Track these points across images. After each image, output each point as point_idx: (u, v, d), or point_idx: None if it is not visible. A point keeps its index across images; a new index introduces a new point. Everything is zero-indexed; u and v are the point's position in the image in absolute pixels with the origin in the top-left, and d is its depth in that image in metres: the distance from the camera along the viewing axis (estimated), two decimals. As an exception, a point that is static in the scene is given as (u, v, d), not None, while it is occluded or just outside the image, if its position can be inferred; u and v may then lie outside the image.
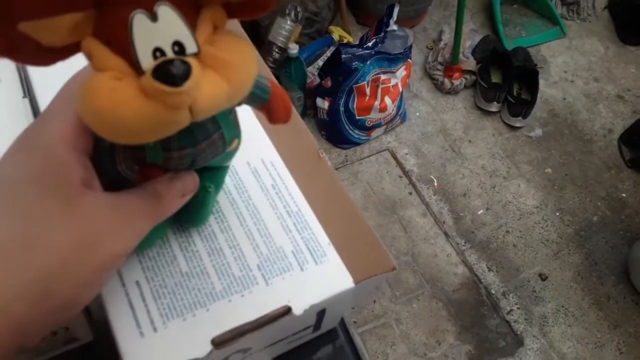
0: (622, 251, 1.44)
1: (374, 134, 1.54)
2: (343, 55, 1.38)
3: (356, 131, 1.50)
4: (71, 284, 0.21)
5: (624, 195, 1.56)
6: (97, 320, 0.32)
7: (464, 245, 1.41)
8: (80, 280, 0.22)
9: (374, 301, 1.29)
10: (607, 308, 1.35)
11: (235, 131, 0.26)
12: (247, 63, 0.21)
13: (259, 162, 0.36)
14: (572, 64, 1.86)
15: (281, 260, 0.31)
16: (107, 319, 0.27)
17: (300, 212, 0.33)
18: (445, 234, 1.42)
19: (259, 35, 1.56)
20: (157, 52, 0.19)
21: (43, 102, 0.36)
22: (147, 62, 0.18)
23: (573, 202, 1.53)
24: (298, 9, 1.52)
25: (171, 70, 0.18)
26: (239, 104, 0.26)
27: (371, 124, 1.50)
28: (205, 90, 0.19)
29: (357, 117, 1.47)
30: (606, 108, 1.75)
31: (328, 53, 1.56)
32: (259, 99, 0.26)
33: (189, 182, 0.26)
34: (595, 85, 1.81)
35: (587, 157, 1.63)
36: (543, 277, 1.38)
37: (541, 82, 1.72)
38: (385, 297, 1.30)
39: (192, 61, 0.19)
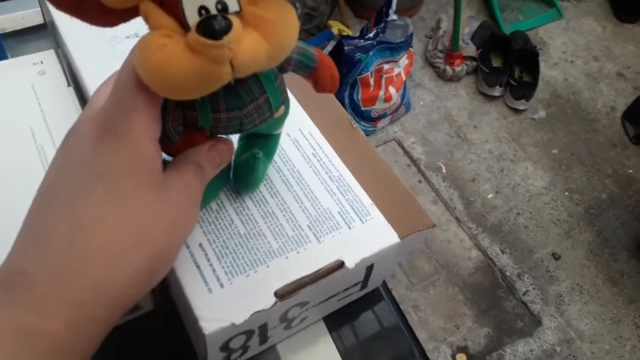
0: (632, 227, 1.45)
1: (380, 124, 1.56)
2: (345, 47, 1.39)
3: (362, 122, 1.51)
4: (169, 263, 0.24)
5: (630, 171, 1.57)
6: (156, 291, 0.33)
7: (476, 230, 1.42)
8: (174, 257, 0.24)
9: (391, 289, 1.30)
10: (621, 284, 1.36)
11: (281, 98, 0.27)
12: (287, 24, 0.22)
13: (298, 132, 0.37)
14: (571, 44, 1.87)
15: (329, 220, 0.32)
16: (176, 281, 0.28)
17: (341, 177, 0.35)
18: (457, 219, 1.43)
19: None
20: (202, 10, 0.20)
21: (91, 89, 0.37)
22: (193, 19, 0.20)
23: (581, 181, 1.54)
24: (297, 5, 1.53)
25: (213, 25, 0.19)
26: (285, 69, 0.27)
27: (377, 114, 1.51)
28: (245, 45, 0.20)
29: (363, 108, 1.48)
30: (607, 86, 1.76)
31: (329, 47, 1.57)
32: (306, 67, 0.28)
33: (225, 153, 0.27)
34: (595, 65, 1.82)
35: (591, 136, 1.64)
36: (556, 257, 1.39)
37: (541, 64, 1.73)
38: (402, 285, 1.31)
39: (233, 18, 0.20)
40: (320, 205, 0.33)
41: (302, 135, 0.37)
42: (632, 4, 1.91)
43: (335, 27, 1.68)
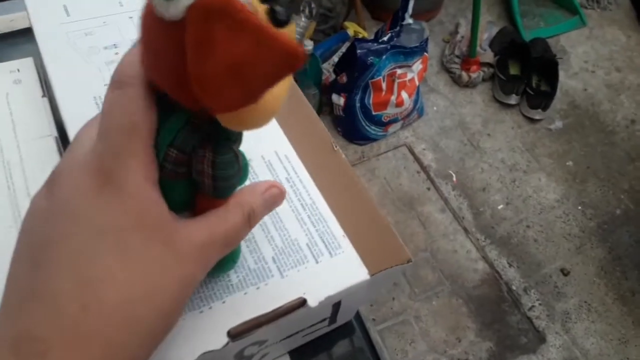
0: (647, 245, 1.41)
1: (391, 129, 1.53)
2: (358, 51, 1.37)
3: (373, 127, 1.49)
4: (175, 322, 0.23)
5: (648, 187, 1.52)
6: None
7: (484, 241, 1.39)
8: (180, 315, 0.23)
9: (393, 298, 1.28)
10: (632, 303, 1.32)
11: None
12: None
13: (273, 155, 0.35)
14: (593, 54, 1.82)
15: (296, 252, 0.31)
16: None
17: (314, 205, 0.33)
18: (465, 229, 1.41)
19: (273, 33, 1.56)
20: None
21: (62, 101, 0.36)
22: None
23: (595, 196, 1.50)
24: (312, 6, 1.50)
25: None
26: None
27: (388, 119, 1.49)
28: None
29: (374, 113, 1.46)
30: (629, 98, 1.71)
31: (343, 49, 1.55)
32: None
33: (278, 193, 0.26)
34: (617, 75, 1.77)
35: (609, 149, 1.60)
36: (565, 273, 1.35)
37: (561, 73, 1.69)
38: (404, 294, 1.29)
39: None
40: (289, 235, 0.31)
41: (277, 158, 0.35)
42: (659, 13, 1.86)
43: (352, 28, 1.66)
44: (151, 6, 0.19)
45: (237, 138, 0.24)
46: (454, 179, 1.51)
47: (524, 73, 1.65)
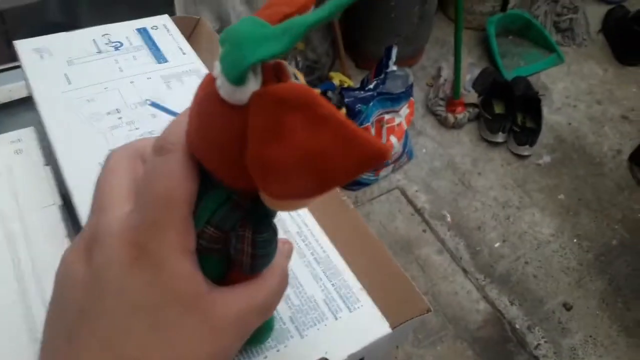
0: (646, 274, 1.40)
1: (382, 173, 1.54)
2: (346, 99, 1.39)
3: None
4: None
5: (640, 216, 1.53)
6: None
7: (483, 280, 1.38)
8: None
9: (397, 347, 1.25)
10: (637, 334, 1.30)
11: None
12: None
13: (285, 212, 0.35)
14: (573, 88, 1.87)
15: (314, 310, 0.30)
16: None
17: (329, 258, 0.33)
18: (464, 270, 1.40)
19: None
20: None
21: (67, 169, 0.36)
22: None
23: (590, 227, 1.50)
24: (298, 59, 1.55)
25: None
26: None
27: (379, 163, 1.49)
28: None
29: (365, 158, 1.46)
30: (612, 129, 1.75)
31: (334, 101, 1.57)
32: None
33: (291, 249, 0.26)
34: (599, 108, 1.81)
35: (598, 180, 1.61)
36: (567, 307, 1.34)
37: (545, 109, 1.72)
38: (408, 341, 1.26)
39: None
40: (305, 292, 0.31)
41: (289, 215, 0.35)
42: (633, 47, 1.92)
43: (337, 78, 1.70)
44: (210, 84, 0.19)
45: (275, 213, 0.24)
46: (449, 219, 1.51)
47: (509, 111, 1.69)
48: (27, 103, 0.50)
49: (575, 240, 1.47)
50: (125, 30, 0.46)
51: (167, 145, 0.21)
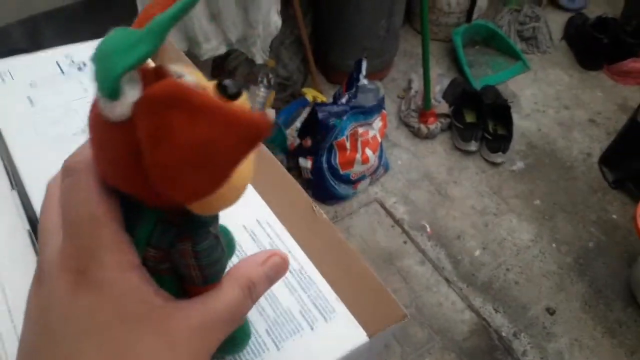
0: (623, 274, 1.42)
1: (360, 186, 1.54)
2: (319, 114, 1.39)
3: (342, 185, 1.49)
4: None
5: (614, 216, 1.56)
6: None
7: (466, 289, 1.38)
8: None
9: (384, 360, 1.24)
10: (621, 335, 1.31)
11: None
12: None
13: (255, 223, 0.34)
14: (541, 95, 1.91)
15: (290, 322, 0.29)
16: None
17: (302, 269, 0.32)
18: (447, 280, 1.39)
19: (232, 105, 1.57)
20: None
21: (33, 193, 0.34)
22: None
23: (567, 231, 1.52)
24: (270, 76, 1.54)
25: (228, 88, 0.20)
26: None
27: (356, 176, 1.49)
28: None
29: (342, 172, 1.46)
30: (581, 133, 1.78)
31: (304, 114, 1.57)
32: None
33: (280, 262, 0.25)
34: (567, 113, 1.85)
35: (571, 184, 1.64)
36: (551, 312, 1.34)
37: (514, 116, 1.75)
38: (396, 355, 1.24)
39: None
40: (280, 305, 0.30)
41: (259, 225, 0.34)
42: (594, 52, 1.97)
43: (310, 94, 1.69)
44: (96, 107, 0.18)
45: (213, 220, 0.23)
46: (428, 229, 1.50)
47: (480, 120, 1.71)
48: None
49: (553, 245, 1.48)
50: (88, 50, 0.44)
51: (73, 165, 0.21)
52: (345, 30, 1.72)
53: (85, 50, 0.45)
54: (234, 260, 0.31)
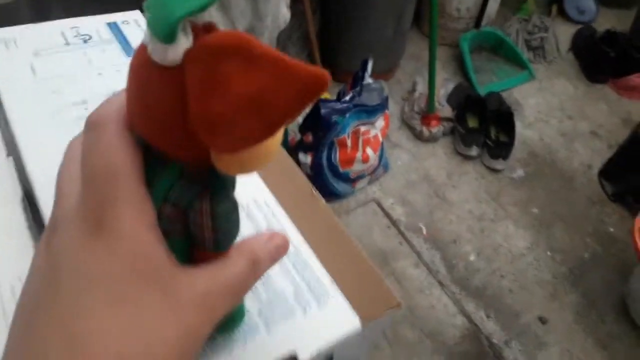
0: (617, 287, 1.41)
1: (359, 185, 1.53)
2: (322, 110, 1.39)
3: (341, 183, 1.49)
4: None
5: (611, 229, 1.55)
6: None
7: (459, 294, 1.37)
8: None
9: None
10: (612, 347, 1.30)
11: None
12: None
13: (252, 202, 0.34)
14: (545, 104, 1.90)
15: (283, 304, 0.28)
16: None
17: (299, 252, 0.31)
18: (440, 283, 1.39)
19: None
20: None
21: (29, 161, 0.33)
22: None
23: (563, 240, 1.51)
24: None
25: None
26: None
27: (355, 175, 1.49)
28: None
29: (341, 170, 1.46)
30: (582, 145, 1.78)
31: (307, 109, 1.56)
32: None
33: (281, 242, 0.24)
34: (570, 124, 1.84)
35: (571, 195, 1.63)
36: (543, 321, 1.34)
37: (517, 124, 1.75)
38: (386, 356, 1.24)
39: None
40: (273, 287, 0.29)
41: (257, 205, 0.33)
42: (601, 65, 1.97)
43: (313, 90, 1.69)
44: (143, 53, 0.18)
45: (233, 185, 0.23)
46: (424, 232, 1.50)
47: (482, 125, 1.70)
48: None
49: (549, 253, 1.48)
50: (95, 23, 0.44)
51: (97, 119, 0.21)
52: (353, 30, 1.72)
53: (91, 23, 0.45)
54: None
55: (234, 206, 0.22)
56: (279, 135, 0.20)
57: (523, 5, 2.11)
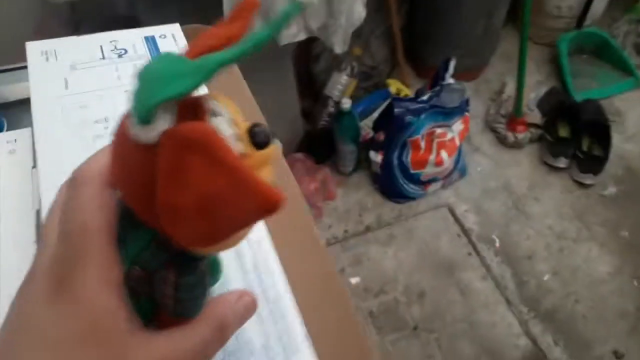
0: None
1: (431, 188, 1.48)
2: (396, 109, 1.35)
3: (411, 185, 1.45)
4: None
5: None
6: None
7: (527, 314, 1.29)
8: None
9: (426, 371, 1.20)
10: (696, 393, 1.18)
11: None
12: None
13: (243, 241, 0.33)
14: (650, 117, 1.73)
15: (248, 356, 0.27)
16: None
17: (279, 298, 0.30)
18: (507, 300, 1.32)
19: (315, 89, 1.57)
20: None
21: (43, 174, 0.35)
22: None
23: (654, 270, 1.38)
24: (354, 65, 1.51)
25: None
26: None
27: (427, 178, 1.44)
28: None
29: (412, 171, 1.42)
30: (690, 165, 1.60)
31: (384, 106, 1.53)
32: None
33: (250, 302, 0.24)
34: (678, 141, 1.66)
35: (669, 220, 1.48)
36: (618, 355, 1.23)
37: (616, 136, 1.60)
38: (438, 367, 1.20)
39: None
40: (242, 336, 0.28)
41: (247, 244, 0.32)
42: None
43: (394, 85, 1.65)
44: (126, 124, 0.18)
45: (203, 256, 0.22)
46: (497, 244, 1.43)
47: (574, 135, 1.58)
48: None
49: (635, 283, 1.35)
50: (133, 37, 0.45)
51: (79, 178, 0.21)
52: (441, 26, 1.65)
53: (130, 37, 0.45)
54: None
55: (201, 278, 0.22)
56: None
57: (636, 5, 1.90)
